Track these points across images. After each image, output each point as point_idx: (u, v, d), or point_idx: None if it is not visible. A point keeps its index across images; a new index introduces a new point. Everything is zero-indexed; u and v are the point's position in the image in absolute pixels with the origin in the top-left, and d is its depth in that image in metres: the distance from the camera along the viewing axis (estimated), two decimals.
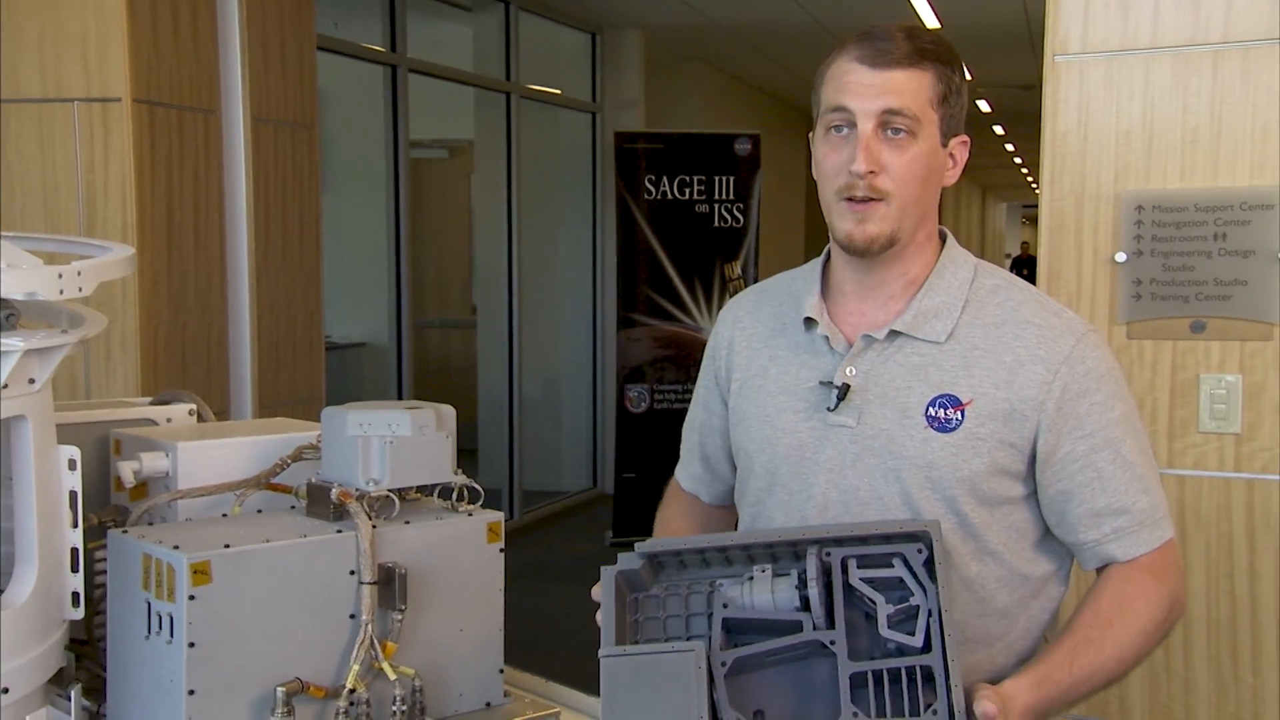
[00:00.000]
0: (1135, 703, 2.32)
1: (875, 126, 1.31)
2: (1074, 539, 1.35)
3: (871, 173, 1.32)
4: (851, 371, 1.36)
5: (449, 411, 1.48)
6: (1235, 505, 2.22)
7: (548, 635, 4.91)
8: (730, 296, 6.89)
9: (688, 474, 1.64)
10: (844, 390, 1.35)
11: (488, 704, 1.44)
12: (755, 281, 7.06)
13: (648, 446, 6.41)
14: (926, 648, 1.13)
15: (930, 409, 1.32)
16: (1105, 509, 1.33)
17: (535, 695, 1.54)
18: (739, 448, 1.48)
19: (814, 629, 1.17)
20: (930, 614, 1.13)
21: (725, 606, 1.21)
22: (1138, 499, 1.33)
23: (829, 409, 1.36)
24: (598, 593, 1.26)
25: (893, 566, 1.19)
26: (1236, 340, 2.21)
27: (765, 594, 1.21)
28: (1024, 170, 19.00)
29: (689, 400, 6.34)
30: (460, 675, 1.42)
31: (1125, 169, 2.29)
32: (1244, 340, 2.20)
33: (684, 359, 6.56)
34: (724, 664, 1.17)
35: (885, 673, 1.12)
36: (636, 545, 1.26)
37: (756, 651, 1.18)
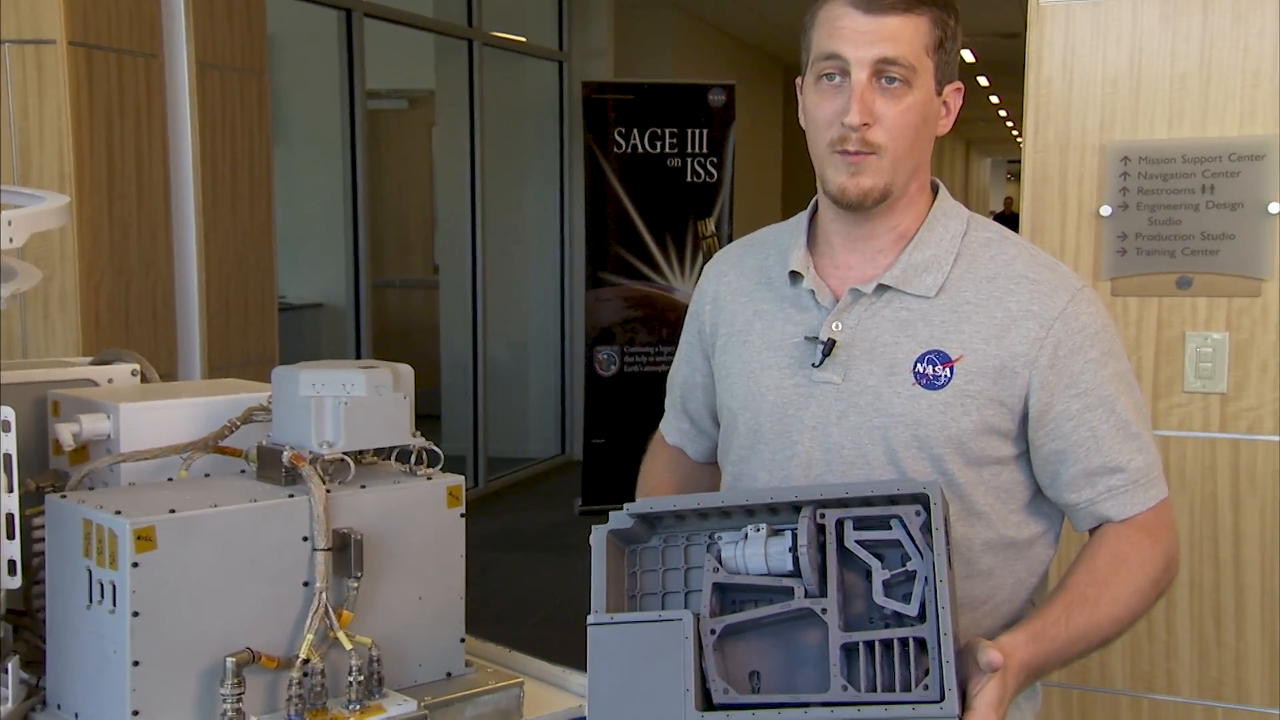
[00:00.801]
0: (1116, 668, 2.36)
1: (870, 76, 1.30)
2: (1067, 499, 1.36)
3: (865, 125, 1.31)
4: (838, 327, 1.37)
5: (406, 371, 1.47)
6: (1220, 466, 2.25)
7: (514, 606, 4.93)
8: (704, 254, 6.92)
9: (673, 429, 1.64)
10: (829, 346, 1.35)
11: (448, 674, 1.45)
12: (730, 239, 7.07)
13: (618, 411, 6.41)
14: (923, 616, 1.14)
15: (918, 365, 1.33)
16: (1100, 468, 1.34)
17: (498, 666, 1.55)
18: (722, 405, 1.48)
19: (805, 596, 1.17)
20: (927, 581, 1.14)
21: (716, 570, 1.21)
22: (1133, 458, 1.34)
23: (814, 365, 1.37)
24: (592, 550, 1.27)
25: (890, 529, 1.19)
26: (1224, 296, 2.23)
27: (758, 555, 1.21)
28: (1009, 124, 19.04)
29: (661, 363, 6.33)
30: (419, 645, 1.42)
31: (1111, 118, 2.29)
32: (1231, 296, 2.22)
33: (656, 320, 6.56)
34: (713, 632, 1.18)
35: (878, 641, 1.13)
36: (627, 506, 1.26)
37: (745, 619, 1.19)
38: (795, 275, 1.42)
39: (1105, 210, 2.29)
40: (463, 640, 1.47)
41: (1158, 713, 2.33)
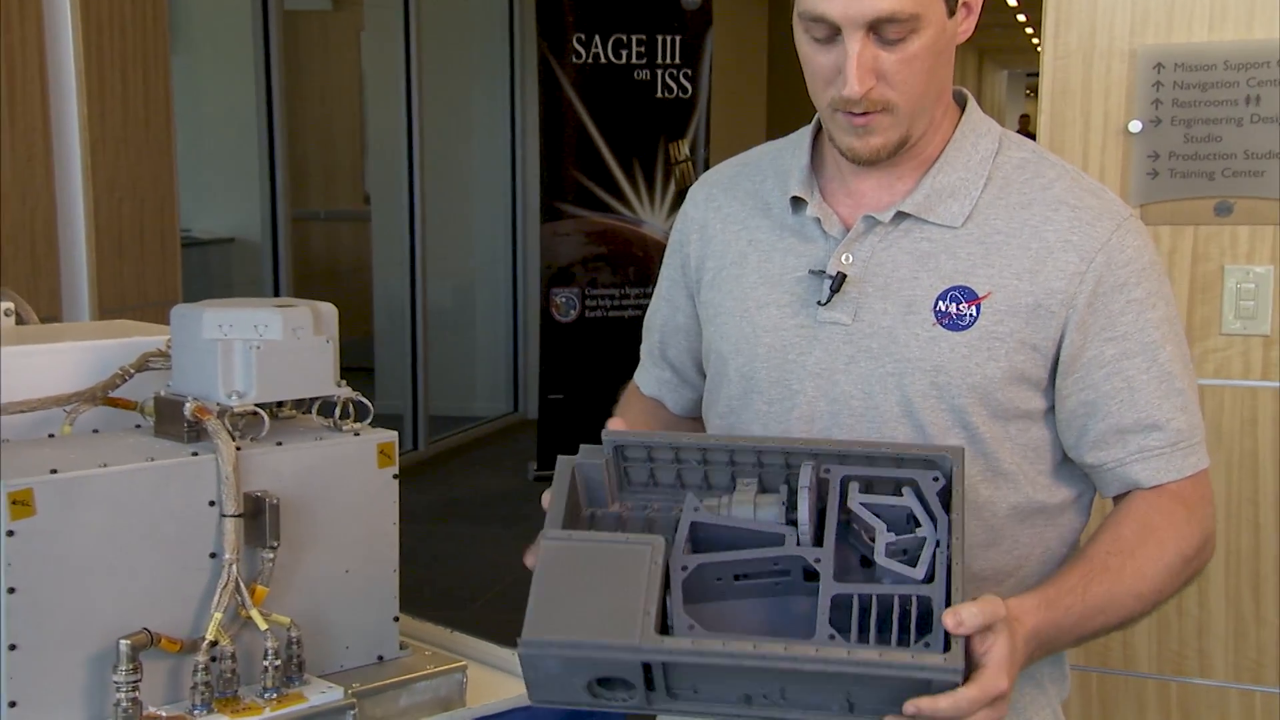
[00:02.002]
0: (1141, 649, 2.40)
1: (865, 35, 1.28)
2: (1093, 459, 1.36)
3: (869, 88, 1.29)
4: (848, 259, 1.36)
5: (329, 311, 1.47)
6: (1263, 418, 2.28)
7: (458, 585, 4.95)
8: (676, 183, 6.92)
9: (650, 377, 1.63)
10: (838, 281, 1.34)
11: (380, 658, 1.45)
12: (707, 165, 7.06)
13: (578, 363, 6.42)
14: (930, 582, 1.15)
15: (940, 303, 1.33)
16: (1133, 425, 1.34)
17: (437, 648, 1.55)
18: (710, 348, 1.47)
19: (798, 544, 1.17)
20: (938, 545, 1.15)
21: (696, 509, 1.22)
22: (1173, 416, 1.34)
23: (819, 303, 1.36)
24: (547, 499, 1.26)
25: (901, 495, 1.19)
26: (1269, 224, 2.24)
27: (746, 506, 1.21)
28: (1029, 30, 19.03)
29: (628, 307, 6.34)
30: (346, 624, 1.42)
31: (1143, 19, 2.28)
32: (1278, 225, 2.24)
33: (621, 258, 6.55)
34: (684, 568, 1.17)
35: (876, 602, 1.13)
36: (605, 433, 1.26)
37: (726, 560, 1.18)
38: (798, 201, 1.41)
39: (1135, 126, 2.30)
40: (396, 619, 1.47)
41: (1188, 698, 2.37)
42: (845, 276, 1.35)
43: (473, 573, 5.10)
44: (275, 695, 1.32)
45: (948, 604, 1.11)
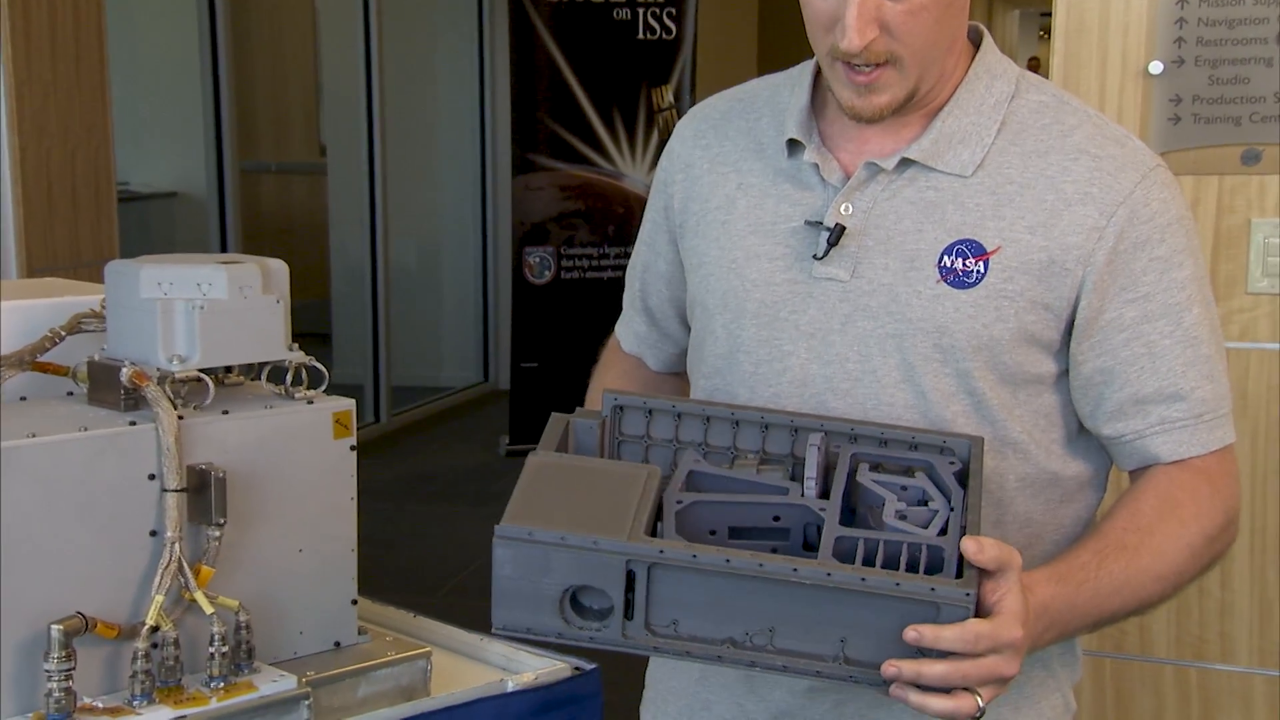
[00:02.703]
0: (1159, 632, 2.42)
1: None
2: (1110, 430, 1.36)
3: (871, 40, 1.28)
4: (847, 209, 1.35)
5: (279, 268, 1.46)
6: None
7: (423, 568, 4.96)
8: (660, 131, 6.90)
9: (630, 331, 1.63)
10: (836, 233, 1.34)
11: (336, 644, 1.45)
12: None
13: (554, 328, 6.42)
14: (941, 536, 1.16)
15: (945, 258, 1.33)
16: (1154, 394, 1.34)
17: (399, 634, 1.55)
18: (695, 301, 1.47)
19: (801, 496, 1.19)
20: (951, 514, 1.16)
21: (698, 461, 1.23)
22: (1198, 385, 1.34)
23: (815, 257, 1.36)
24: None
25: (913, 477, 1.20)
26: None
27: (748, 471, 1.24)
28: None
29: (607, 268, 6.31)
30: (300, 608, 1.42)
31: None
32: None
33: (600, 214, 6.54)
34: (679, 502, 1.18)
35: (882, 548, 1.14)
36: (605, 391, 1.29)
37: (723, 501, 1.19)
38: (795, 144, 1.40)
39: (1155, 67, 2.29)
40: (354, 603, 1.47)
41: (1209, 684, 2.39)
42: (844, 229, 1.34)
43: (439, 556, 5.10)
44: (222, 684, 1.31)
45: (959, 560, 1.12)
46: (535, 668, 1.50)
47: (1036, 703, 1.40)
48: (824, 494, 1.21)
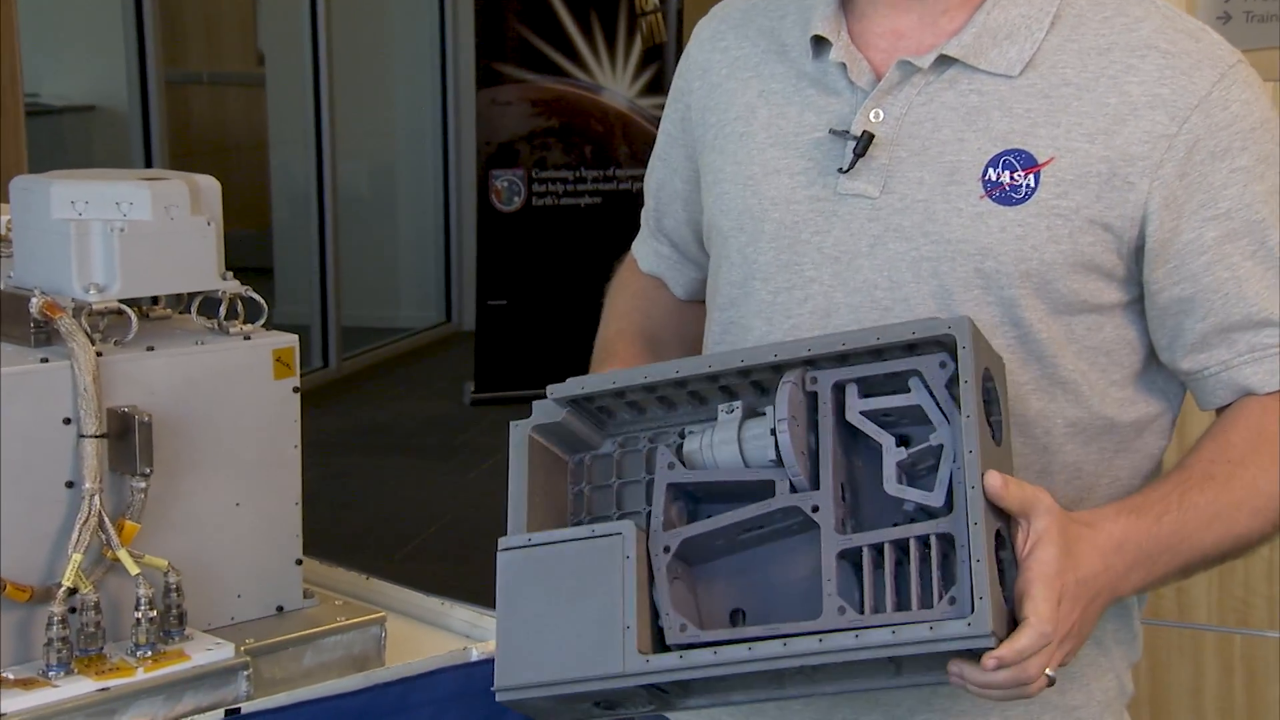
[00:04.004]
0: (1199, 597, 2.44)
1: None
2: (1191, 363, 1.35)
3: None
4: (877, 116, 1.34)
5: (210, 185, 1.45)
6: None
7: (379, 528, 4.97)
8: (643, 39, 6.85)
9: (648, 250, 1.62)
10: (864, 143, 1.32)
11: (279, 609, 1.46)
12: (681, 17, 7.01)
13: (524, 261, 6.40)
14: (951, 506, 1.15)
15: (990, 171, 1.31)
16: (1241, 321, 1.32)
17: (350, 598, 1.56)
18: (711, 224, 1.45)
19: (790, 491, 1.18)
20: (955, 459, 1.14)
21: (672, 466, 1.22)
22: None
23: (841, 170, 1.34)
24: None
25: (909, 391, 1.18)
26: None
27: (730, 444, 1.21)
28: None
29: (584, 193, 6.28)
30: (238, 569, 1.43)
31: None
32: None
33: (575, 132, 6.51)
34: (667, 549, 1.19)
35: (889, 548, 1.14)
36: (551, 389, 1.26)
37: (708, 530, 1.19)
38: (820, 42, 1.39)
39: None
40: (299, 563, 1.48)
41: (1253, 652, 2.42)
42: (873, 137, 1.33)
43: (396, 516, 5.11)
44: (150, 653, 1.32)
45: (967, 532, 1.12)
46: None
47: (1086, 684, 1.39)
48: (813, 455, 1.19)
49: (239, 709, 1.34)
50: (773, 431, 1.19)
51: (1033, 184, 1.31)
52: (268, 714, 1.35)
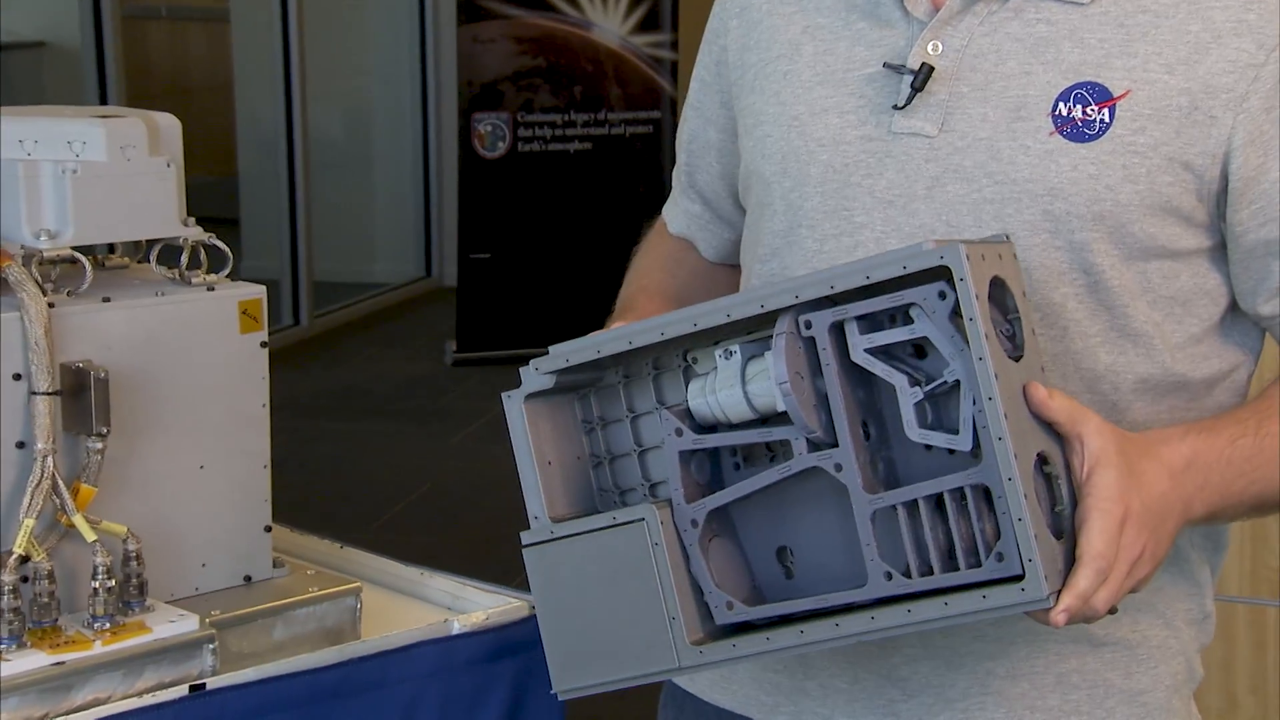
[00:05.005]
0: (1229, 567, 2.45)
1: None
2: (1275, 308, 1.35)
3: None
4: (936, 48, 1.33)
5: (169, 124, 1.45)
6: None
7: (358, 498, 4.98)
8: None
9: (679, 211, 1.62)
10: (923, 76, 1.32)
11: (247, 578, 1.46)
12: None
13: (509, 211, 6.39)
14: (977, 445, 1.15)
15: (1061, 105, 1.31)
16: None
17: (323, 567, 1.56)
18: (751, 170, 1.45)
19: (807, 450, 1.18)
20: (975, 401, 1.14)
21: (680, 433, 1.23)
22: None
23: (896, 107, 1.34)
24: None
25: (913, 321, 1.18)
26: None
27: (735, 390, 1.21)
28: None
29: (570, 139, 6.27)
30: (202, 536, 1.43)
31: None
32: None
33: (564, 72, 6.49)
34: (694, 523, 1.21)
35: (924, 504, 1.15)
36: (533, 364, 1.27)
37: (733, 498, 1.22)
38: None
39: None
40: (268, 529, 1.48)
41: None
42: (932, 70, 1.32)
43: (374, 483, 5.12)
44: (108, 625, 1.31)
45: (1003, 487, 1.12)
46: (486, 606, 1.52)
47: (1154, 667, 1.39)
48: (824, 408, 1.19)
49: (204, 685, 1.33)
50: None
51: (1107, 119, 1.30)
52: (235, 690, 1.35)
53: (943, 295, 1.15)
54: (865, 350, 1.18)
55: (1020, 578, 1.10)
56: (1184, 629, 1.42)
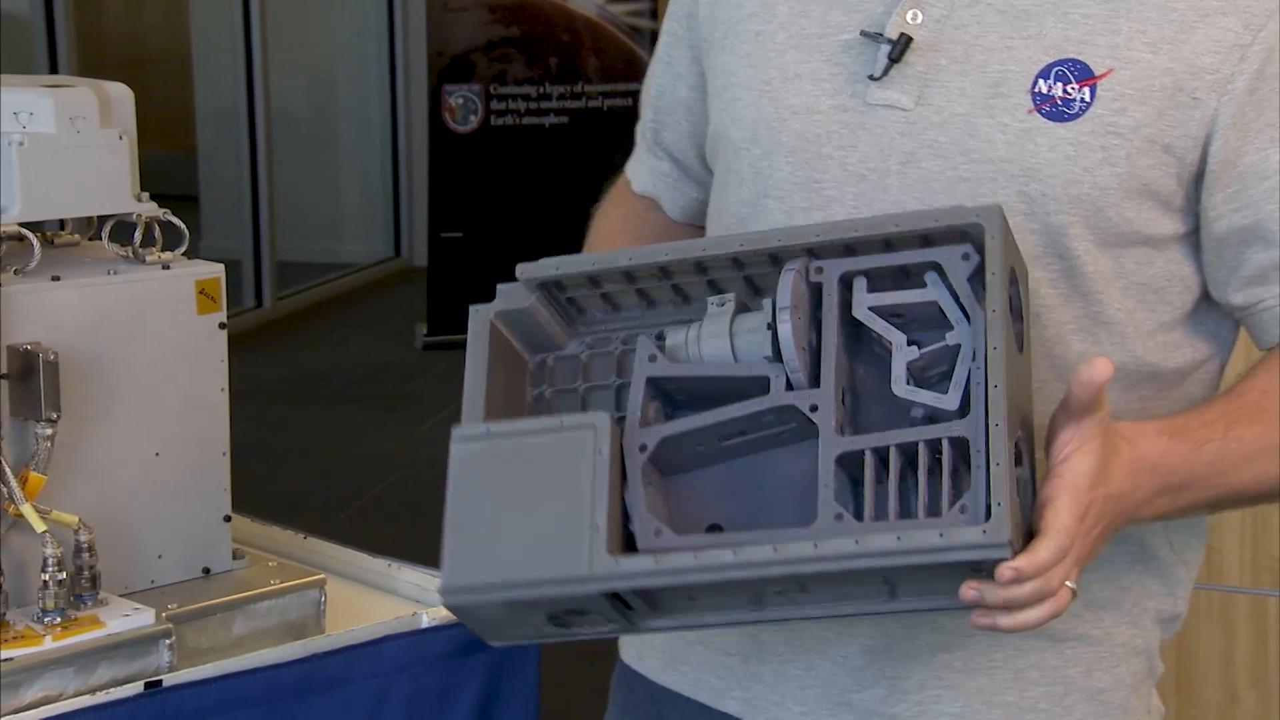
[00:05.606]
0: (1229, 556, 2.47)
1: None
2: (1244, 298, 1.36)
3: None
4: (915, 17, 1.33)
5: (121, 94, 1.44)
6: None
7: (322, 488, 4.98)
8: None
9: (644, 169, 1.61)
10: (900, 46, 1.32)
11: (206, 570, 1.46)
12: None
13: (481, 188, 6.39)
14: (965, 411, 1.15)
15: (1041, 82, 1.31)
16: None
17: (285, 559, 1.56)
18: (719, 134, 1.45)
19: (787, 389, 1.18)
20: (975, 358, 1.15)
21: (654, 359, 1.22)
22: None
23: (872, 77, 1.34)
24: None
25: (925, 286, 1.19)
26: None
27: (720, 337, 1.21)
28: None
29: (546, 112, 6.27)
30: (158, 527, 1.43)
31: None
32: None
33: (539, 42, 6.49)
34: (643, 448, 1.18)
35: (895, 453, 1.14)
36: (521, 269, 1.26)
37: (693, 428, 1.19)
38: None
39: None
40: (228, 519, 1.48)
41: None
42: (910, 40, 1.33)
43: (340, 473, 5.12)
44: (59, 620, 1.31)
45: (987, 445, 1.12)
46: None
47: (1115, 666, 1.41)
48: (814, 353, 1.19)
49: (160, 681, 1.33)
50: (769, 326, 1.20)
51: (1088, 98, 1.31)
52: (192, 687, 1.35)
53: (966, 257, 1.17)
54: (869, 308, 1.19)
55: (980, 525, 1.10)
56: (1151, 628, 1.43)
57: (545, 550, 1.15)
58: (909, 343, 1.18)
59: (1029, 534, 1.14)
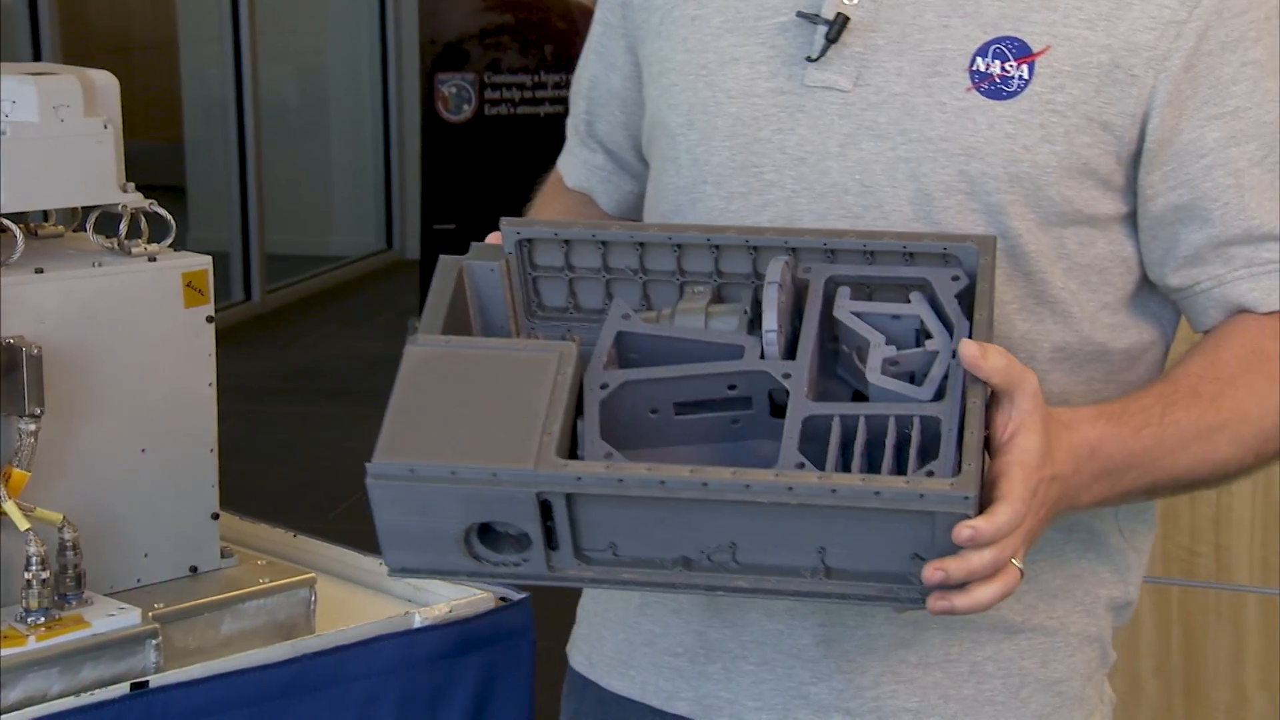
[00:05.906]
0: (1240, 555, 2.48)
1: None
2: (1181, 279, 1.38)
3: None
4: None
5: (106, 82, 1.44)
6: None
7: (313, 485, 4.98)
8: None
9: (576, 162, 1.62)
10: (837, 26, 1.33)
11: (193, 569, 1.46)
12: None
13: (475, 179, 6.39)
14: (938, 399, 1.17)
15: (978, 60, 1.32)
16: (1241, 235, 1.35)
17: (275, 557, 1.56)
18: (656, 121, 1.46)
19: (761, 358, 1.19)
20: (954, 357, 1.17)
21: (627, 316, 1.23)
22: None
23: (809, 59, 1.35)
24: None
25: (909, 303, 1.21)
26: None
27: (695, 316, 1.23)
28: None
29: (543, 99, 6.30)
30: (145, 524, 1.43)
31: None
32: None
33: (533, 30, 6.49)
34: (604, 386, 1.19)
35: (864, 426, 1.15)
36: (503, 221, 1.27)
37: (662, 377, 1.20)
38: None
39: None
40: (216, 517, 1.48)
41: None
42: (847, 21, 1.33)
43: (331, 469, 5.12)
44: (43, 619, 1.31)
45: (961, 427, 1.13)
46: (450, 598, 1.52)
47: (1070, 655, 1.43)
48: (793, 334, 1.20)
49: (147, 683, 1.33)
50: (746, 312, 1.23)
51: (1025, 76, 1.32)
52: (180, 688, 1.34)
53: (956, 278, 1.20)
54: (852, 312, 1.21)
55: (949, 479, 1.11)
56: (1104, 615, 1.45)
57: (491, 444, 1.12)
58: (885, 342, 1.20)
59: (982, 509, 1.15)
